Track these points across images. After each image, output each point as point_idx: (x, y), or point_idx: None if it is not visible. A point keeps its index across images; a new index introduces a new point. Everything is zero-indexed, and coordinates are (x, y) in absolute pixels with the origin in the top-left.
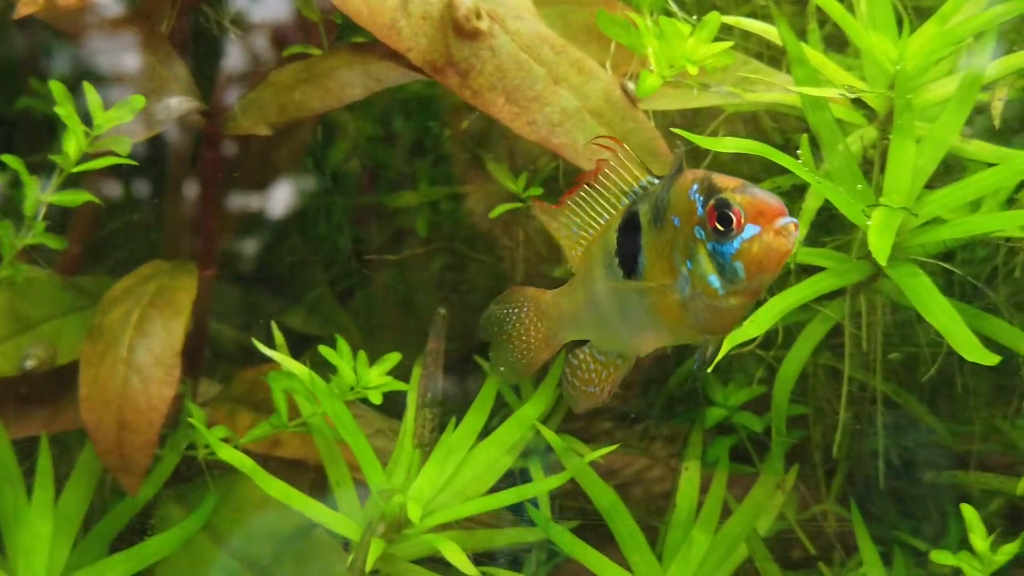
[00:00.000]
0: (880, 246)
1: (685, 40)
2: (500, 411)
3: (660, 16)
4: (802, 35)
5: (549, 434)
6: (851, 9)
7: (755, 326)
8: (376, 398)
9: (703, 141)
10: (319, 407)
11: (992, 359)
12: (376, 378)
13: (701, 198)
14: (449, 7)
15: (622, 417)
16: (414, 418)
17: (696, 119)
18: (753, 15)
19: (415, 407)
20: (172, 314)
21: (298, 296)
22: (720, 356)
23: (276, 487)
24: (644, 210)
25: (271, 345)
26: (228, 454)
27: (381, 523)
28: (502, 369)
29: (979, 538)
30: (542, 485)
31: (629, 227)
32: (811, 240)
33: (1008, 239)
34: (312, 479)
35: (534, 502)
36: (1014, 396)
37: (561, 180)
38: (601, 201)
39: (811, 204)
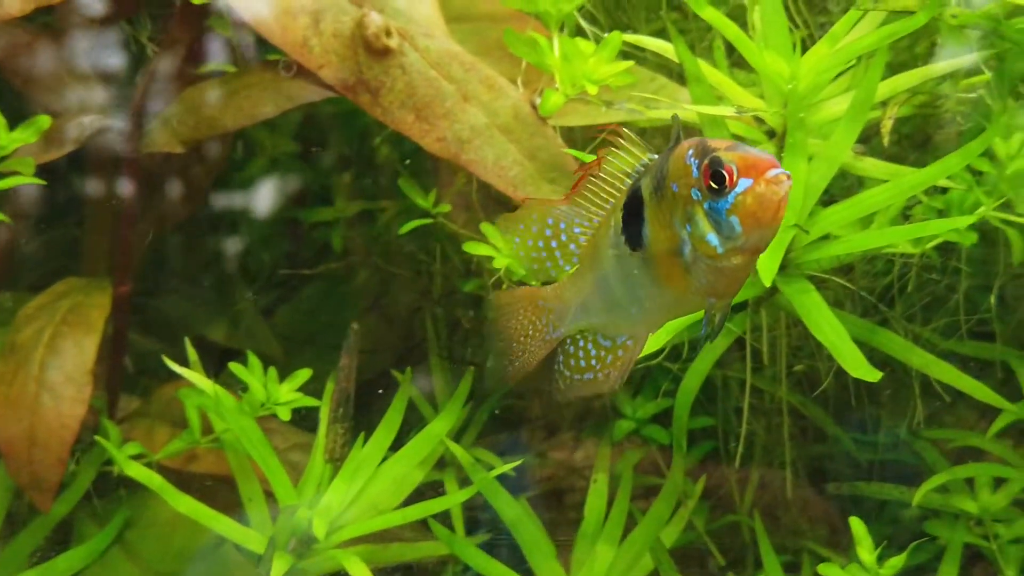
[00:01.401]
0: (767, 265)
1: (587, 60)
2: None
3: (566, 34)
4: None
5: (456, 448)
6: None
7: (654, 339)
8: (285, 414)
9: (587, 158)
10: (230, 423)
11: (874, 375)
12: (286, 394)
13: (696, 161)
14: (359, 25)
15: (549, 427)
16: (325, 433)
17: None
18: (663, 31)
19: (327, 422)
20: (84, 332)
21: (223, 310)
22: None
23: (185, 503)
24: (645, 184)
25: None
26: (136, 471)
27: (293, 539)
28: (497, 374)
29: (866, 551)
30: (449, 499)
31: (633, 203)
32: None
33: (904, 254)
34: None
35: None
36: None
37: (474, 195)
38: (607, 188)
39: None
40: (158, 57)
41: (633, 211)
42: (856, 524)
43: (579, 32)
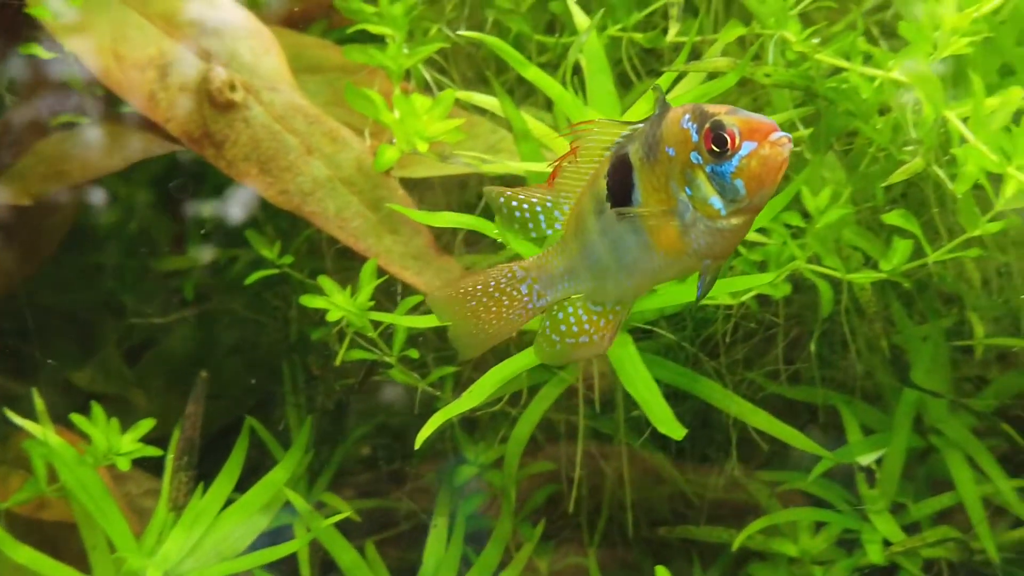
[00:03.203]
0: None
1: (420, 117)
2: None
3: (413, 86)
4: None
5: (293, 496)
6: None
7: (473, 396)
8: (124, 464)
9: (419, 216)
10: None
11: (680, 432)
12: (127, 444)
13: (695, 125)
14: (204, 79)
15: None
16: (170, 481)
17: None
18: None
19: (171, 470)
20: None
21: (87, 354)
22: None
23: (23, 553)
24: (634, 149)
25: (62, 398)
26: None
27: None
28: (464, 349)
29: None
30: (281, 549)
31: (619, 169)
32: None
33: (727, 306)
34: None
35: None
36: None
37: (324, 246)
38: (586, 167)
39: None
40: (11, 108)
41: (619, 176)
42: (661, 572)
43: (426, 85)
